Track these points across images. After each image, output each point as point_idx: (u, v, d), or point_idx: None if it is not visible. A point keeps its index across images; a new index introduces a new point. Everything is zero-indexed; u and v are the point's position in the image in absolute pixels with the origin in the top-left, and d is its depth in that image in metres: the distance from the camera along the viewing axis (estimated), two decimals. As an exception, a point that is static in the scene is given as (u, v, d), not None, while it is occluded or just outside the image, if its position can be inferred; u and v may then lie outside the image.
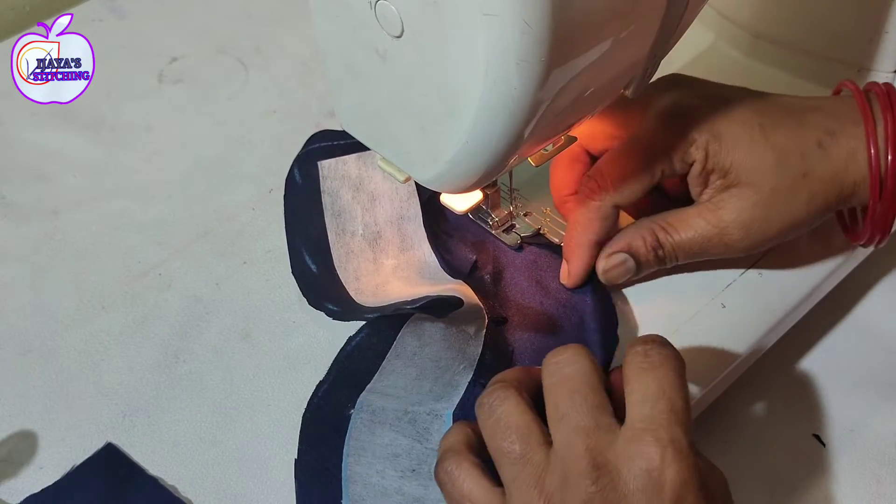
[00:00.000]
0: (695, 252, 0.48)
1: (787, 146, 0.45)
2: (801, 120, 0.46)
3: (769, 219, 0.46)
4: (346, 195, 0.51)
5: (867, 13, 0.55)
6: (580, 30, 0.35)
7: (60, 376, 0.53)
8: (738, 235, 0.46)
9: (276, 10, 0.77)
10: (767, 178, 0.45)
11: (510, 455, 0.38)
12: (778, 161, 0.45)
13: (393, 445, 0.45)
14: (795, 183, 0.45)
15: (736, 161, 0.45)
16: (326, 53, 0.43)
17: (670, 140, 0.46)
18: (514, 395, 0.39)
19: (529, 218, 0.54)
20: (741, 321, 0.49)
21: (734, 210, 0.46)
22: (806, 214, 0.46)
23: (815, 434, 0.52)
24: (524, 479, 0.37)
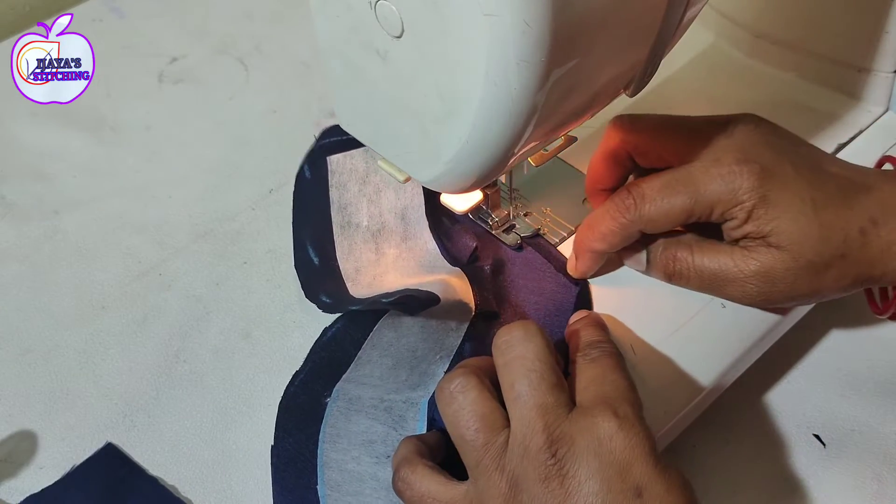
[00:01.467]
0: (706, 283, 0.48)
1: (833, 225, 0.45)
2: (850, 202, 0.46)
3: (794, 286, 0.46)
4: (353, 188, 0.52)
5: (867, 13, 0.55)
6: (580, 30, 0.35)
7: (60, 376, 0.53)
8: (756, 289, 0.46)
9: (276, 10, 0.77)
10: (807, 250, 0.45)
11: (473, 443, 0.39)
12: (821, 237, 0.45)
13: (369, 432, 0.46)
14: (831, 261, 0.45)
15: (778, 228, 0.45)
16: (326, 53, 0.43)
17: (718, 193, 0.45)
18: (475, 383, 0.41)
19: (529, 218, 0.54)
20: (741, 321, 0.49)
21: (764, 265, 0.45)
22: (830, 290, 0.46)
23: (816, 434, 0.52)
24: (487, 463, 0.39)
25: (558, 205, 0.54)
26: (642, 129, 0.49)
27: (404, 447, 0.43)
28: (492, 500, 0.39)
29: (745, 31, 0.62)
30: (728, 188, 0.45)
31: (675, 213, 0.46)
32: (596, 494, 0.37)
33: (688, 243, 0.48)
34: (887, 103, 0.59)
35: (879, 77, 0.58)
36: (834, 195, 0.46)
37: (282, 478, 0.47)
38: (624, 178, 0.50)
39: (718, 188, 0.45)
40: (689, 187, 0.46)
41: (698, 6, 0.41)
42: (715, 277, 0.47)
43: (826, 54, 0.59)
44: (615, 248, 0.48)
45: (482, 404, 0.40)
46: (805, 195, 0.45)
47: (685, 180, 0.46)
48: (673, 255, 0.48)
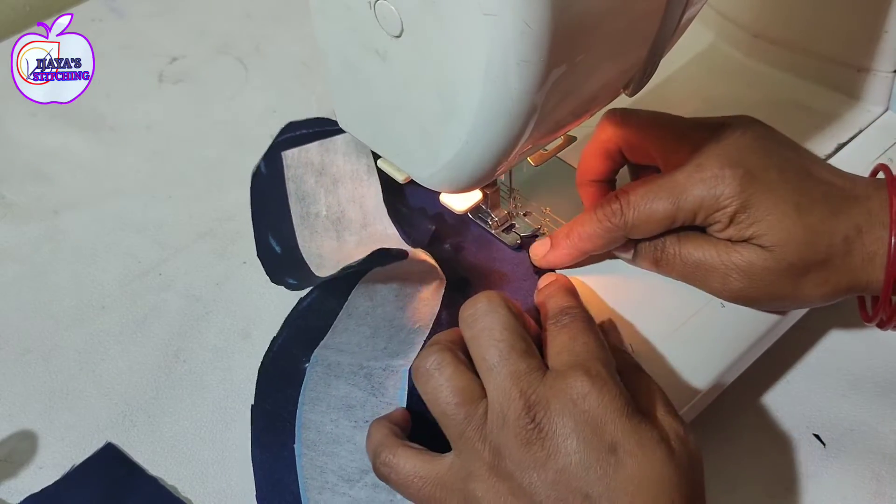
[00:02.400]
0: (689, 273, 0.48)
1: (817, 230, 0.45)
2: (836, 209, 0.46)
3: (774, 286, 0.46)
4: (310, 180, 0.53)
5: (867, 13, 0.55)
6: (580, 30, 0.35)
7: (60, 376, 0.53)
8: (738, 284, 0.47)
9: (276, 10, 0.77)
10: (790, 252, 0.45)
11: (455, 417, 0.40)
12: (805, 241, 0.45)
13: (348, 397, 0.46)
14: (813, 266, 0.45)
15: (760, 231, 0.45)
16: (326, 53, 0.43)
17: (700, 198, 0.46)
18: (450, 359, 0.41)
19: (529, 218, 0.54)
20: (741, 321, 0.49)
21: (745, 260, 0.46)
22: (811, 295, 0.46)
23: (816, 434, 0.52)
24: (469, 435, 0.40)
25: (558, 205, 0.54)
26: (633, 124, 0.49)
27: (377, 431, 0.43)
28: (477, 470, 0.40)
29: (744, 31, 0.62)
30: (710, 193, 0.45)
31: (659, 219, 0.47)
32: (575, 453, 0.38)
33: (675, 232, 0.48)
34: (887, 103, 0.59)
35: (879, 77, 0.58)
36: (819, 201, 0.46)
37: (260, 436, 0.48)
38: (614, 172, 0.51)
39: (701, 193, 0.46)
40: (672, 194, 0.46)
41: (697, 6, 0.41)
42: (699, 267, 0.47)
43: (826, 54, 0.59)
44: (598, 250, 0.49)
45: (459, 378, 0.41)
46: (789, 199, 0.45)
47: (669, 187, 0.46)
48: (661, 242, 0.48)
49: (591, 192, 0.51)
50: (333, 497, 0.44)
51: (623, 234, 0.48)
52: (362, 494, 0.44)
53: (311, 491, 0.45)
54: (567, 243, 0.49)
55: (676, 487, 0.38)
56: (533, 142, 0.42)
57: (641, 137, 0.49)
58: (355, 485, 0.44)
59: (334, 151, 0.54)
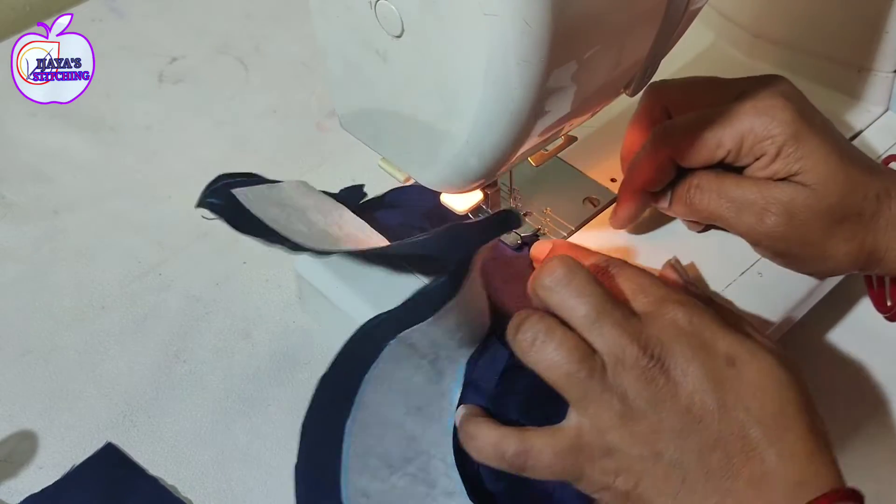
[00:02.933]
0: (724, 208, 0.48)
1: (857, 180, 0.46)
2: (872, 168, 0.47)
3: (808, 227, 0.46)
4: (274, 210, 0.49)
5: (867, 13, 0.55)
6: (580, 30, 0.35)
7: (60, 376, 0.53)
8: (775, 219, 0.46)
9: (276, 10, 0.77)
10: (832, 193, 0.45)
11: (577, 375, 0.40)
12: (846, 186, 0.46)
13: (409, 382, 0.45)
14: (848, 215, 0.46)
15: (807, 167, 0.45)
16: (326, 53, 0.43)
17: (750, 124, 0.46)
18: (555, 323, 0.42)
19: (529, 218, 0.54)
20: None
21: (787, 195, 0.46)
22: (838, 248, 0.47)
23: (816, 434, 0.52)
24: (595, 388, 0.40)
25: (558, 205, 0.54)
26: (677, 84, 0.50)
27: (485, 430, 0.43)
28: (609, 421, 0.40)
29: (744, 32, 0.62)
30: (762, 120, 0.46)
31: (706, 142, 0.47)
32: (698, 376, 0.39)
33: (714, 171, 0.48)
34: (887, 103, 0.59)
35: (879, 77, 0.58)
36: (859, 157, 0.47)
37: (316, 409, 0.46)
38: None
39: (752, 120, 0.46)
40: (722, 117, 0.46)
41: (698, 6, 0.41)
42: (736, 200, 0.47)
43: (826, 54, 0.59)
44: (653, 182, 0.49)
45: (570, 340, 0.41)
46: (835, 144, 0.46)
47: (718, 112, 0.47)
48: (697, 181, 0.48)
49: None
50: (372, 482, 0.44)
51: (669, 157, 0.48)
52: (401, 483, 0.44)
53: (352, 472, 0.44)
54: (625, 190, 0.50)
55: (793, 386, 0.40)
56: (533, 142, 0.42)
57: (686, 92, 0.50)
58: (396, 472, 0.44)
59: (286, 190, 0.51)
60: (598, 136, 0.56)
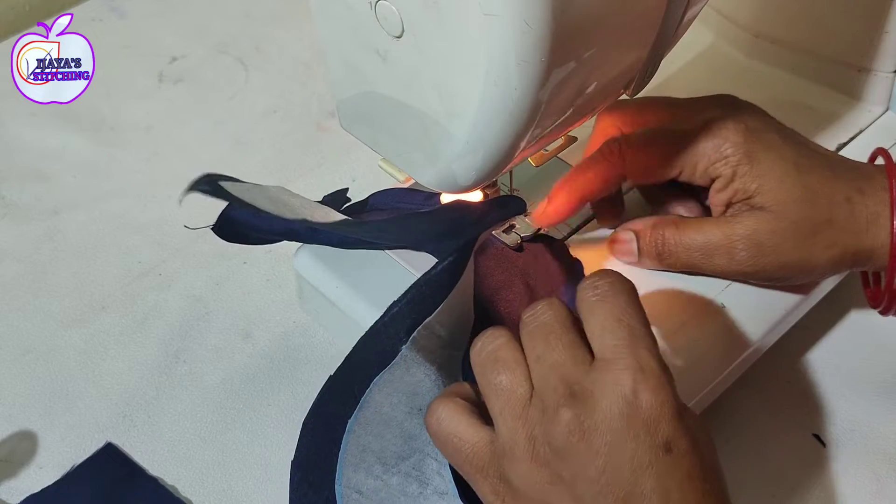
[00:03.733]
0: (694, 258, 0.48)
1: (818, 189, 0.45)
2: (835, 171, 0.46)
3: (780, 249, 0.46)
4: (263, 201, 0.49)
5: (867, 13, 0.55)
6: (580, 30, 0.35)
7: (60, 376, 0.53)
8: (744, 254, 0.46)
9: (276, 10, 0.77)
10: (792, 210, 0.45)
11: (497, 387, 0.39)
12: (806, 199, 0.45)
13: (418, 386, 0.45)
14: (818, 226, 0.45)
15: (763, 187, 0.45)
16: (327, 53, 0.43)
17: (703, 147, 0.46)
18: (505, 335, 0.41)
19: (529, 218, 0.54)
20: (741, 321, 0.49)
21: (749, 228, 0.46)
22: (820, 260, 0.46)
23: (815, 434, 0.52)
24: (510, 411, 0.39)
25: (558, 205, 0.54)
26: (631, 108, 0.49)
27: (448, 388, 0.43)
28: (514, 451, 0.38)
29: (744, 31, 0.62)
30: (713, 143, 0.46)
31: (659, 162, 0.47)
32: (625, 451, 0.36)
33: (673, 221, 0.48)
34: (887, 103, 0.59)
35: (879, 77, 0.58)
36: (820, 164, 0.46)
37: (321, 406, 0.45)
38: None
39: (704, 142, 0.46)
40: (675, 138, 0.46)
41: (698, 6, 0.41)
42: (703, 248, 0.47)
43: (826, 54, 0.59)
44: (595, 193, 0.48)
45: (508, 352, 0.40)
46: (789, 158, 0.46)
47: (672, 132, 0.47)
48: (661, 234, 0.48)
49: None
50: (367, 478, 0.44)
51: (619, 174, 0.47)
52: (394, 481, 0.44)
53: (347, 468, 0.44)
54: (563, 191, 0.49)
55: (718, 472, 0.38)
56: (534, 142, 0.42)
57: (641, 119, 0.49)
58: (390, 469, 0.44)
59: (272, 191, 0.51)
60: (598, 136, 0.56)
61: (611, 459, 0.37)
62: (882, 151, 0.49)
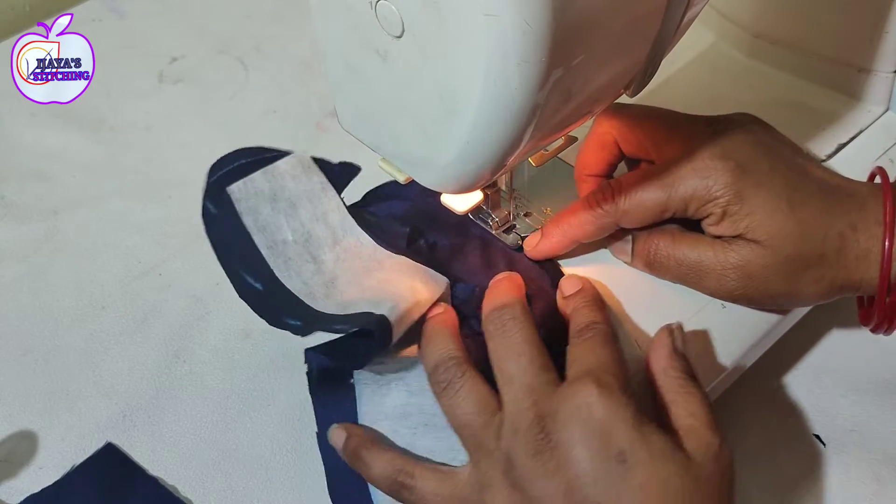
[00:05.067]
0: (685, 273, 0.48)
1: (811, 224, 0.45)
2: (830, 204, 0.46)
3: (770, 283, 0.46)
4: (265, 209, 0.51)
5: (867, 13, 0.55)
6: (581, 30, 0.35)
7: (60, 376, 0.53)
8: (734, 284, 0.46)
9: (276, 10, 0.77)
10: (785, 245, 0.45)
11: (472, 426, 0.42)
12: (800, 235, 0.45)
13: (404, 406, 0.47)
14: (810, 260, 0.45)
15: (753, 224, 0.45)
16: (326, 53, 0.43)
17: (692, 188, 0.46)
18: (469, 372, 0.43)
19: (529, 218, 0.54)
20: (741, 321, 0.49)
21: (742, 258, 0.46)
22: (807, 292, 0.46)
23: (816, 434, 0.52)
24: (486, 445, 0.41)
25: (558, 205, 0.54)
26: (627, 115, 0.50)
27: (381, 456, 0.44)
28: (492, 480, 0.40)
29: (745, 32, 0.62)
30: (702, 184, 0.45)
31: (649, 207, 0.47)
32: (583, 462, 0.38)
33: (670, 233, 0.48)
34: (887, 103, 0.59)
35: (879, 77, 0.57)
36: (813, 196, 0.46)
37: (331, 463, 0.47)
38: (611, 166, 0.51)
39: (693, 184, 0.46)
40: (664, 182, 0.46)
41: (699, 6, 0.41)
42: (694, 267, 0.47)
43: (826, 54, 0.59)
44: (588, 237, 0.49)
45: (477, 390, 0.42)
46: (781, 193, 0.45)
47: (661, 176, 0.46)
48: (655, 243, 0.48)
49: (588, 187, 0.51)
50: None
51: (613, 221, 0.48)
52: None
53: None
54: (558, 231, 0.49)
55: (692, 499, 0.38)
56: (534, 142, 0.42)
57: (635, 128, 0.49)
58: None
59: (280, 176, 0.52)
60: (598, 136, 0.56)
61: (573, 474, 0.38)
62: (880, 171, 0.48)
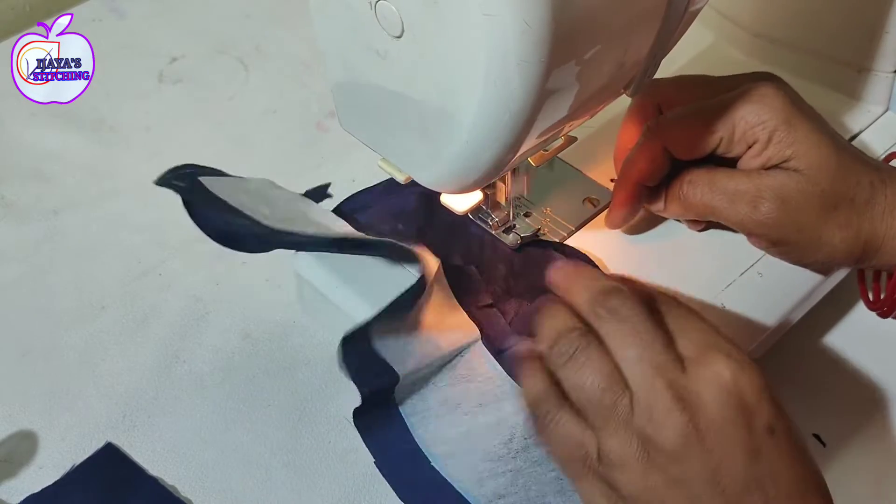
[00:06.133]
0: (718, 201, 0.47)
1: (849, 167, 0.46)
2: (863, 156, 0.48)
3: (803, 213, 0.46)
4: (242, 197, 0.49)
5: (867, 13, 0.55)
6: (580, 30, 0.35)
7: (60, 376, 0.53)
8: (768, 206, 0.46)
9: (276, 10, 0.77)
10: (823, 178, 0.46)
11: (602, 402, 0.39)
12: (838, 172, 0.46)
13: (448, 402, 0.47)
14: (842, 201, 0.46)
15: (799, 152, 0.46)
16: (326, 53, 0.43)
17: (742, 112, 0.46)
18: (595, 343, 0.40)
19: (529, 218, 0.54)
20: (741, 321, 0.49)
21: (779, 181, 0.46)
22: (834, 236, 0.47)
23: (815, 434, 0.52)
24: (616, 423, 0.38)
25: (558, 205, 0.54)
26: (669, 82, 0.50)
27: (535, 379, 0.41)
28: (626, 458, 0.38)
29: (744, 31, 0.62)
30: (753, 107, 0.46)
31: (700, 131, 0.47)
32: (736, 440, 0.37)
33: (706, 168, 0.49)
34: (887, 103, 0.59)
35: (879, 77, 0.58)
36: (849, 147, 0.48)
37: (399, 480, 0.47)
38: None
39: (743, 107, 0.46)
40: (714, 107, 0.47)
41: (699, 6, 0.41)
42: (728, 192, 0.47)
43: (826, 54, 0.59)
44: (646, 176, 0.49)
45: (607, 366, 0.39)
46: (826, 131, 0.47)
47: (710, 103, 0.47)
48: (689, 177, 0.49)
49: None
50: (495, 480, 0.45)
51: (662, 147, 0.48)
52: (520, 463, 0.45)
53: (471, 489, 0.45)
54: (621, 185, 0.50)
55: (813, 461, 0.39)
56: (534, 142, 0.42)
57: (678, 88, 0.50)
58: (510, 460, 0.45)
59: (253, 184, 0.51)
60: (598, 136, 0.56)
61: (725, 453, 0.37)
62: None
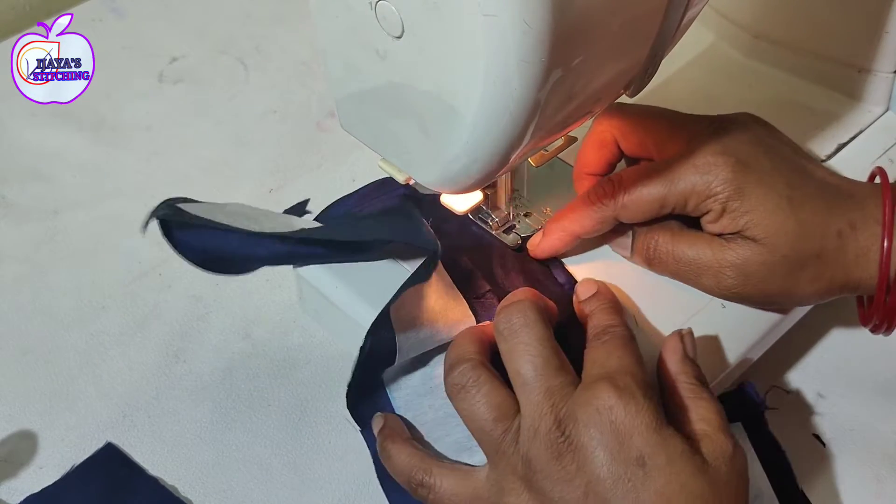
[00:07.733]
0: (684, 270, 0.48)
1: (810, 223, 0.45)
2: (830, 203, 0.46)
3: (768, 282, 0.46)
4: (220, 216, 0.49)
5: (867, 13, 0.55)
6: (580, 30, 0.35)
7: (60, 376, 0.53)
8: (731, 281, 0.46)
9: (276, 10, 0.77)
10: (783, 244, 0.45)
11: (492, 433, 0.41)
12: (798, 234, 0.45)
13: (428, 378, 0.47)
14: (807, 259, 0.45)
15: (752, 221, 0.45)
16: (326, 53, 0.43)
17: (692, 184, 0.46)
18: (486, 376, 0.42)
19: (529, 218, 0.54)
20: (741, 321, 0.49)
21: (740, 257, 0.46)
22: (805, 291, 0.46)
23: (815, 434, 0.52)
24: (505, 449, 0.41)
25: (558, 205, 0.54)
26: (629, 114, 0.49)
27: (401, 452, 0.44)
28: (511, 484, 0.41)
29: (744, 32, 0.62)
30: (702, 179, 0.45)
31: (649, 202, 0.47)
32: (602, 465, 0.38)
33: (669, 229, 0.48)
34: (887, 103, 0.59)
35: (879, 77, 0.58)
36: (813, 195, 0.46)
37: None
38: (610, 165, 0.51)
39: (693, 179, 0.46)
40: (664, 177, 0.46)
41: (699, 6, 0.41)
42: (692, 265, 0.47)
43: (826, 54, 0.59)
44: (589, 232, 0.49)
45: (495, 395, 0.42)
46: (781, 191, 0.45)
47: (661, 170, 0.46)
48: (654, 239, 0.48)
49: (586, 186, 0.51)
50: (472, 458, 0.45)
51: (613, 216, 0.48)
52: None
53: None
54: (558, 227, 0.49)
55: (709, 502, 0.38)
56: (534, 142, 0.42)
57: (636, 127, 0.49)
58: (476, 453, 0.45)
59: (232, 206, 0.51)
60: (598, 136, 0.56)
61: (591, 475, 0.38)
62: (880, 171, 0.48)
